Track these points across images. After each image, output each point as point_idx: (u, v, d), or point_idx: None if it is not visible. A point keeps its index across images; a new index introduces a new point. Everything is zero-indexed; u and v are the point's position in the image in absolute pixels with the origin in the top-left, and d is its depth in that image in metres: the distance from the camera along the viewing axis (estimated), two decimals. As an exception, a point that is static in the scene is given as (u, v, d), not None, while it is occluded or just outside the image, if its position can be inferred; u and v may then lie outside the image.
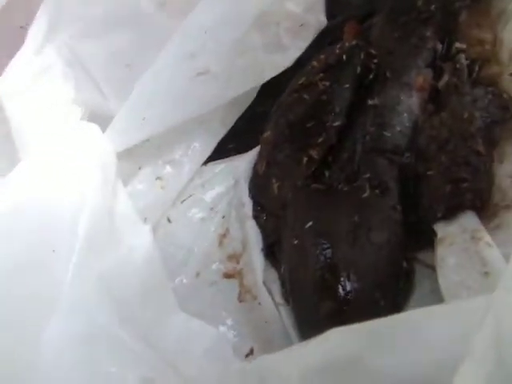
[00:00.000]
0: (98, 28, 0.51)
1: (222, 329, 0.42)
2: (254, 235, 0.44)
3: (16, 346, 0.33)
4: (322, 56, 0.44)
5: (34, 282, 0.35)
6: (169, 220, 0.47)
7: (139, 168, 0.48)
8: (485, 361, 0.22)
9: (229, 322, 0.42)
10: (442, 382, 0.23)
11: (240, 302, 0.42)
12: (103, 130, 0.45)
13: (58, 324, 0.34)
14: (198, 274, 0.44)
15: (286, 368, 0.29)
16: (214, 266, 0.45)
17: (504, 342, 0.23)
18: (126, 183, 0.46)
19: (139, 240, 0.41)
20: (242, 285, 0.43)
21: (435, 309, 0.27)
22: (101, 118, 0.47)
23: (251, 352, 0.40)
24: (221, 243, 0.46)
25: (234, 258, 0.45)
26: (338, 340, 0.27)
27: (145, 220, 0.46)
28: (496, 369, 0.22)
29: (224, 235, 0.46)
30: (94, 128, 0.45)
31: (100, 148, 0.44)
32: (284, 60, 0.47)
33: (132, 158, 0.47)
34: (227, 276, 0.44)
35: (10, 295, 0.34)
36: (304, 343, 0.30)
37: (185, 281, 0.44)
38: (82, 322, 0.34)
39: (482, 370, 0.22)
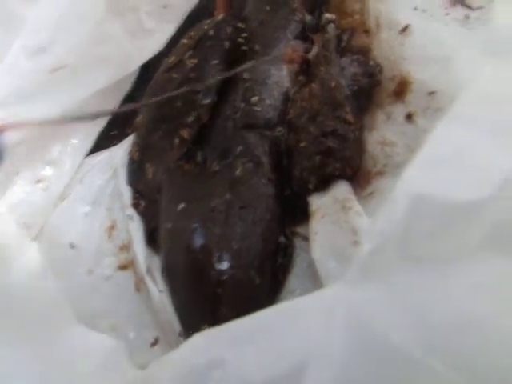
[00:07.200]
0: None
1: (122, 321, 0.40)
2: (133, 224, 0.42)
3: None
4: (191, 33, 0.43)
5: None
6: (52, 222, 0.45)
7: (17, 173, 0.45)
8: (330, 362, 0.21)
9: (129, 313, 0.40)
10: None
11: (137, 291, 0.41)
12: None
13: None
14: (90, 272, 0.42)
15: (161, 376, 0.28)
16: (106, 260, 0.43)
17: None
18: (4, 191, 0.44)
19: (25, 257, 0.38)
20: (136, 274, 0.42)
21: (287, 305, 0.26)
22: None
23: (156, 341, 0.39)
24: (110, 236, 0.44)
25: (125, 248, 0.43)
26: (203, 344, 0.27)
27: (29, 228, 0.43)
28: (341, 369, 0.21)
29: (112, 227, 0.44)
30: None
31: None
32: (151, 45, 0.46)
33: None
34: (122, 268, 0.42)
35: None
36: (177, 349, 0.29)
37: (78, 280, 0.42)
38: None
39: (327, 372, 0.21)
